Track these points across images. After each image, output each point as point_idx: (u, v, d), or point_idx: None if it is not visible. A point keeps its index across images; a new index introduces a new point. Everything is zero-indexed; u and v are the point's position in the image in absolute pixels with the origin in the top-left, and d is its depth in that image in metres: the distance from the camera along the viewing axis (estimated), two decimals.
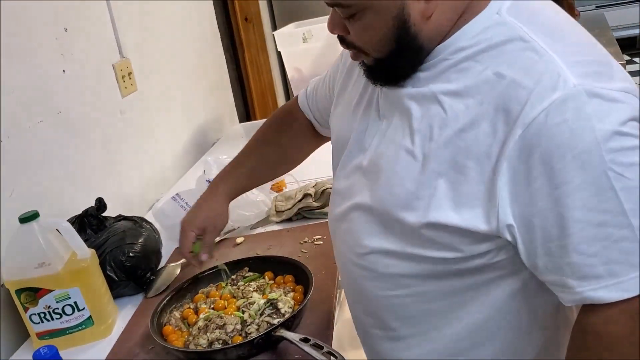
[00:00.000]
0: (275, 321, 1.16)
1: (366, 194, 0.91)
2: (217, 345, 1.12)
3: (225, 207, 1.31)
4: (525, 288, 0.86)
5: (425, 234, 0.83)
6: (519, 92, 0.74)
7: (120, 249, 1.44)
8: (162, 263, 1.57)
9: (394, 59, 0.84)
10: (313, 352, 1.00)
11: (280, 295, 1.22)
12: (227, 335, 1.14)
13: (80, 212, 1.56)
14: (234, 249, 1.58)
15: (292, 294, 1.25)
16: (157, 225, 1.65)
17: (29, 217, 1.26)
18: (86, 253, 1.32)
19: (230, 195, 1.32)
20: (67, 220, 1.52)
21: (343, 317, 1.48)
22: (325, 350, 1.00)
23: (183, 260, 1.53)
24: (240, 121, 3.29)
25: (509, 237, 0.78)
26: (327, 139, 1.30)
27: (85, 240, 1.49)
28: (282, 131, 1.32)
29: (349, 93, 1.03)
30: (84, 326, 1.31)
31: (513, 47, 0.77)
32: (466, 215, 0.79)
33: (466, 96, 0.78)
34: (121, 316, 1.40)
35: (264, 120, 1.39)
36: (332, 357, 0.99)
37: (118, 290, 1.44)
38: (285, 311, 1.18)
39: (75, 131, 1.73)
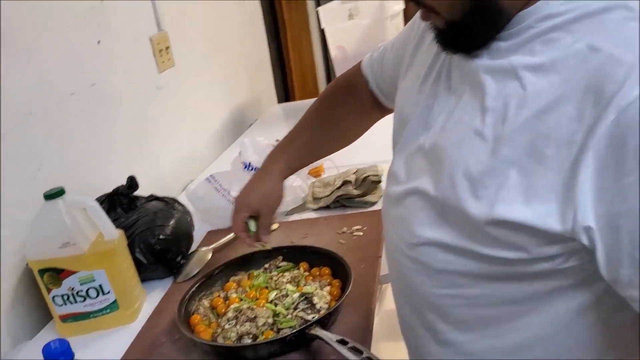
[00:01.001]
0: (310, 317, 1.07)
1: (426, 178, 0.81)
2: (247, 340, 1.04)
3: (280, 187, 1.22)
4: (599, 303, 0.75)
5: (488, 229, 0.72)
6: (616, 70, 0.63)
7: (150, 231, 1.37)
8: (194, 247, 1.50)
9: (469, 21, 0.73)
10: (351, 357, 0.91)
11: (316, 289, 1.14)
12: (257, 329, 1.06)
13: (111, 191, 1.50)
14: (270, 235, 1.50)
15: (328, 288, 1.16)
16: (189, 207, 1.58)
17: (54, 194, 1.19)
18: (114, 234, 1.25)
19: (284, 173, 1.23)
20: (97, 199, 1.47)
21: (383, 307, 1.39)
22: (365, 355, 0.91)
23: (215, 244, 1.45)
24: (279, 102, 3.21)
25: (585, 241, 0.66)
26: (390, 111, 1.20)
27: (115, 220, 1.43)
28: (338, 102, 1.22)
29: (418, 63, 0.93)
30: (108, 310, 1.25)
31: (614, 16, 0.66)
32: (538, 211, 0.68)
33: (551, 72, 0.67)
34: (149, 301, 1.33)
35: (303, 101, 1.29)
36: None
37: (146, 273, 1.37)
38: (320, 307, 1.09)
39: (109, 105, 1.67)
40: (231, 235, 1.47)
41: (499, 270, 0.76)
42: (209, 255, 1.41)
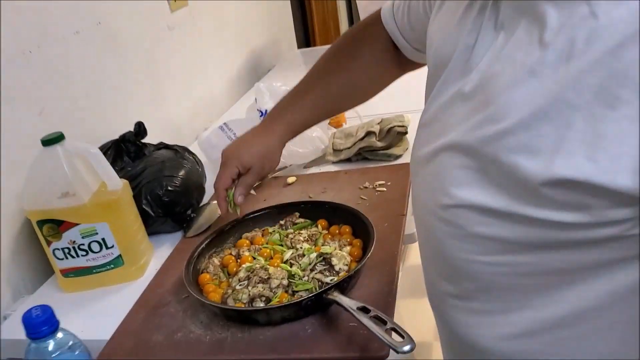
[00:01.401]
0: (328, 279, 0.98)
1: (465, 129, 0.69)
2: (260, 304, 0.96)
3: (279, 149, 1.12)
4: None
5: (543, 189, 0.61)
6: None
7: (158, 181, 1.28)
8: (205, 200, 1.41)
9: None
10: (373, 327, 0.81)
11: (335, 249, 1.04)
12: (271, 291, 0.98)
13: (117, 137, 1.40)
14: (285, 189, 1.40)
15: (348, 248, 1.06)
16: (201, 157, 1.48)
17: (52, 140, 1.10)
18: (117, 184, 1.16)
19: (286, 135, 1.13)
20: (102, 146, 1.38)
21: (405, 264, 1.30)
22: (389, 326, 0.82)
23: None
24: (299, 47, 3.07)
25: None
26: (413, 66, 1.07)
27: (121, 169, 1.35)
28: (352, 54, 1.08)
29: None
30: (112, 266, 1.17)
31: None
32: (606, 166, 0.56)
33: None
34: (156, 256, 1.25)
35: (325, 47, 1.16)
36: (396, 335, 0.81)
37: (154, 227, 1.29)
38: (339, 269, 1.00)
39: (116, 46, 1.56)
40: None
41: (552, 236, 0.65)
42: None
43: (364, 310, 0.85)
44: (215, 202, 1.35)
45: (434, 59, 0.82)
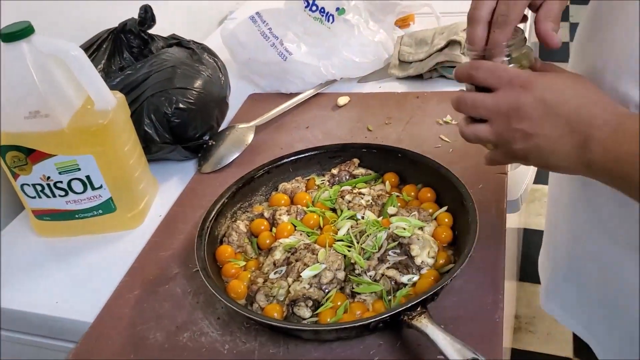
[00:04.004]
0: (405, 279, 0.67)
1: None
2: (304, 310, 0.66)
3: None
4: None
5: None
6: None
7: (166, 95, 0.94)
8: (228, 119, 1.07)
9: None
10: None
11: (413, 229, 0.72)
12: (320, 289, 0.67)
13: (117, 26, 1.05)
14: (334, 113, 1.06)
15: (432, 226, 0.74)
16: (223, 54, 1.13)
17: (15, 34, 0.75)
18: (109, 101, 0.82)
19: None
20: (95, 37, 1.03)
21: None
22: None
23: (260, 119, 1.02)
24: None
25: None
26: None
27: (120, 69, 1.01)
28: None
29: None
30: (101, 211, 0.86)
31: None
32: None
33: None
34: (162, 195, 0.94)
35: None
36: None
37: (159, 154, 0.97)
38: (422, 262, 0.68)
39: None
40: (293, 101, 1.04)
41: None
42: (250, 136, 0.99)
43: None
44: (241, 125, 1.02)
45: None
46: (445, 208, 0.76)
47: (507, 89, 0.56)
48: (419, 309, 0.60)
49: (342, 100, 1.06)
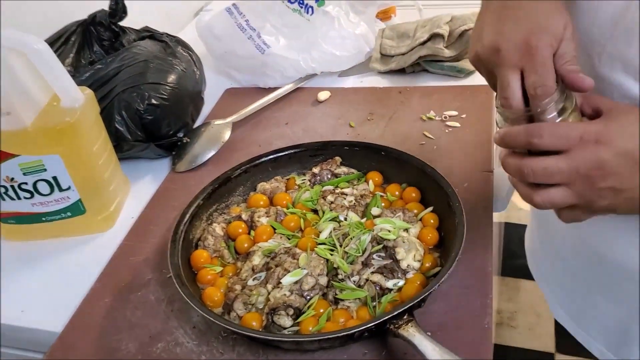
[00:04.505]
0: (390, 284, 0.64)
1: None
2: (284, 319, 0.62)
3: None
4: None
5: None
6: None
7: (138, 91, 0.90)
8: (203, 117, 1.03)
9: None
10: None
11: (398, 230, 0.69)
12: (302, 296, 0.64)
13: (86, 18, 1.01)
14: (314, 109, 1.02)
15: (417, 227, 0.71)
16: (199, 48, 1.09)
17: None
18: (76, 99, 0.78)
19: None
20: (63, 29, 0.99)
21: None
22: None
23: (237, 115, 0.98)
24: None
25: None
26: None
27: (89, 63, 0.97)
28: None
29: None
30: (69, 214, 0.82)
31: None
32: None
33: None
34: (134, 195, 0.90)
35: None
36: None
37: (131, 152, 0.92)
38: (407, 266, 0.65)
39: None
40: (272, 96, 1.00)
41: None
42: (227, 133, 0.95)
43: None
44: (217, 121, 0.98)
45: None
46: (430, 208, 0.73)
47: (580, 148, 0.49)
48: (405, 317, 0.57)
49: (323, 96, 1.02)
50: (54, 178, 0.78)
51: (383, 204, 0.75)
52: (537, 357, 1.61)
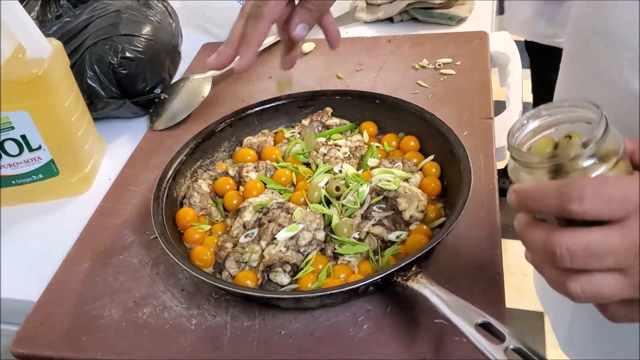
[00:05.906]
0: (392, 236, 0.60)
1: None
2: (281, 275, 0.58)
3: None
4: None
5: None
6: None
7: (110, 43, 0.83)
8: (180, 73, 0.97)
9: None
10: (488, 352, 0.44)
11: (399, 181, 0.64)
12: (299, 252, 0.59)
13: None
14: (300, 61, 0.95)
15: (418, 177, 0.67)
16: (175, 4, 1.02)
17: None
18: (42, 49, 0.72)
19: None
20: None
21: None
22: (510, 346, 0.45)
23: (218, 72, 0.92)
24: None
25: None
26: None
27: (56, 17, 0.90)
28: None
29: None
30: (41, 176, 0.76)
31: None
32: None
33: None
34: (110, 156, 0.84)
35: None
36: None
37: (105, 111, 0.86)
38: (411, 217, 0.61)
39: None
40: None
41: None
42: (207, 88, 0.89)
43: (484, 326, 0.47)
44: (196, 76, 0.92)
45: None
46: (431, 157, 0.69)
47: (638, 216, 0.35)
48: (413, 268, 0.53)
49: (308, 47, 0.97)
50: (23, 137, 0.72)
51: (379, 155, 0.70)
52: (528, 317, 1.60)
